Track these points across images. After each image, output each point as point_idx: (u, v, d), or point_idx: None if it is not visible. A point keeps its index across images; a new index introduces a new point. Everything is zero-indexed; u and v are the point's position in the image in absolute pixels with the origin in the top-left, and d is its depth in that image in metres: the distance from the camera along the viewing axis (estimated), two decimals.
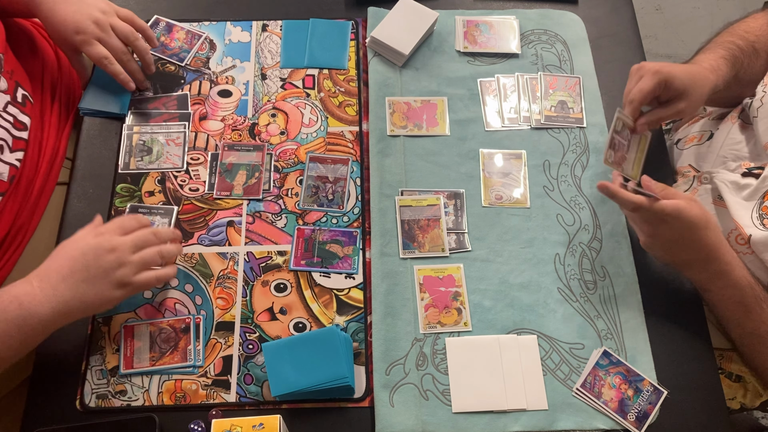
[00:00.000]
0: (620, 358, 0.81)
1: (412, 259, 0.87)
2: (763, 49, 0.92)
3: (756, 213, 0.81)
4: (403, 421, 0.77)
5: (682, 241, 0.77)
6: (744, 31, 0.93)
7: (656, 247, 0.79)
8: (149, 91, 0.98)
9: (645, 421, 0.78)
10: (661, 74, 0.81)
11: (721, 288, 0.78)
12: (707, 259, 0.77)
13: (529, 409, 0.78)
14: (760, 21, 0.95)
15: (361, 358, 0.81)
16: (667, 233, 0.76)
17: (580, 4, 1.09)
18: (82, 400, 0.78)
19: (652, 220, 0.76)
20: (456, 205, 0.91)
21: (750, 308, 0.77)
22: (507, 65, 1.03)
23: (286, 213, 0.90)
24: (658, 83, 0.81)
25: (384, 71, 1.00)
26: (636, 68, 0.85)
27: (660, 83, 0.82)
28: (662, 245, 0.79)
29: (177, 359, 0.80)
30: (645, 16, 2.11)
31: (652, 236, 0.78)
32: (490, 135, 0.97)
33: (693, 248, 0.77)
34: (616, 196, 0.77)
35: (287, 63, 1.02)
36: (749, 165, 0.85)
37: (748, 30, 0.93)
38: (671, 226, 0.75)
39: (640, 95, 0.82)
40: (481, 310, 0.84)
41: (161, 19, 1.04)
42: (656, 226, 0.76)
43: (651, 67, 0.82)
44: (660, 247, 0.79)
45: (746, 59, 0.91)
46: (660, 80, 0.81)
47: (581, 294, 0.86)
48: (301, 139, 0.95)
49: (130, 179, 0.92)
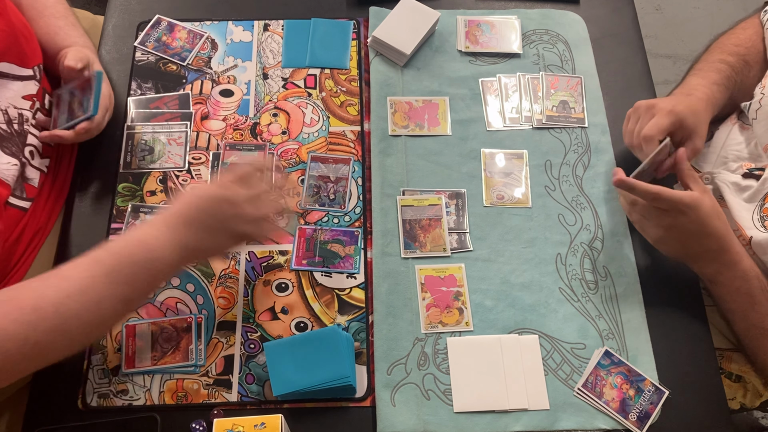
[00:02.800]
0: (622, 358, 0.81)
1: (413, 258, 0.87)
2: (755, 60, 0.92)
3: (757, 215, 0.81)
4: (405, 421, 0.77)
5: (697, 232, 0.77)
6: (734, 45, 0.93)
7: (671, 240, 0.79)
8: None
9: (646, 421, 0.78)
10: (674, 115, 0.82)
11: (730, 279, 0.78)
12: (719, 249, 0.77)
13: (531, 409, 0.78)
14: (749, 31, 0.94)
15: (363, 357, 0.81)
16: (685, 224, 0.77)
17: (581, 4, 1.09)
18: (84, 400, 0.78)
19: (670, 211, 0.77)
20: (457, 205, 0.91)
21: (756, 299, 0.78)
22: (508, 65, 1.03)
23: (288, 212, 0.90)
24: (673, 123, 0.82)
25: (385, 71, 1.00)
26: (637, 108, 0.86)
27: (675, 123, 0.82)
28: (678, 237, 0.79)
29: (179, 359, 0.80)
30: (645, 16, 2.11)
31: (669, 228, 0.78)
32: (492, 135, 0.97)
33: (707, 239, 0.77)
34: (635, 189, 0.77)
35: (289, 63, 1.02)
36: (750, 166, 0.86)
37: (738, 43, 0.93)
38: (689, 217, 0.76)
39: (658, 131, 0.82)
40: (483, 310, 0.84)
41: (163, 19, 1.04)
42: (675, 216, 0.76)
43: (663, 106, 0.83)
44: (675, 239, 0.79)
45: (738, 76, 0.91)
46: (675, 121, 0.82)
47: (583, 294, 0.86)
48: (302, 138, 0.96)
49: (132, 178, 0.92)
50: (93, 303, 0.65)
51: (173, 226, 0.71)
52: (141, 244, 0.69)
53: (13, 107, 0.82)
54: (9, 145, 0.81)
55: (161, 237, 0.70)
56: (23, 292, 0.64)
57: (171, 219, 0.71)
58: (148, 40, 1.03)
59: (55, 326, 0.63)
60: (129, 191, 0.91)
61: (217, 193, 0.73)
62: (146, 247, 0.69)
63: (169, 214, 0.72)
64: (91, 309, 0.65)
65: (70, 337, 0.65)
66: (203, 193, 0.73)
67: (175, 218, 0.71)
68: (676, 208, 0.76)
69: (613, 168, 0.95)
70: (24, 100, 0.84)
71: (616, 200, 0.92)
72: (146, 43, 1.02)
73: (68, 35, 0.92)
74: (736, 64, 0.91)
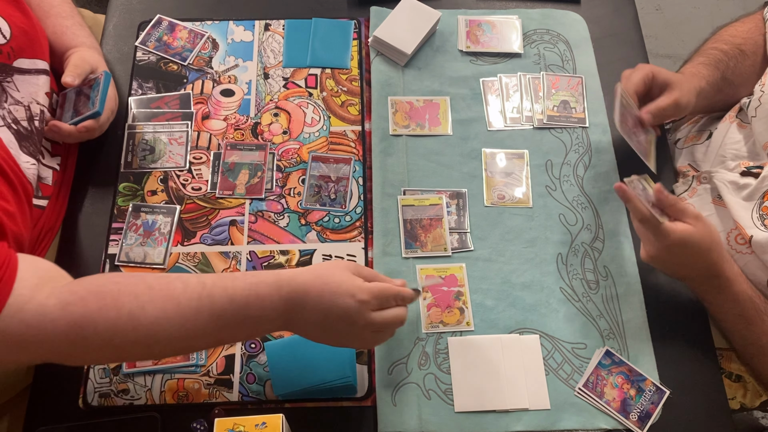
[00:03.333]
0: (622, 358, 0.81)
1: (414, 258, 0.87)
2: (751, 50, 0.93)
3: (756, 213, 0.81)
4: (406, 421, 0.77)
5: (683, 262, 0.77)
6: (730, 36, 0.94)
7: (656, 262, 0.79)
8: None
9: (647, 420, 0.78)
10: (647, 67, 0.87)
11: (721, 302, 0.79)
12: (709, 276, 0.77)
13: (532, 409, 0.78)
14: (747, 25, 0.95)
15: (364, 357, 0.81)
16: (669, 257, 0.77)
17: (582, 4, 1.09)
18: (85, 399, 0.78)
19: (656, 239, 0.76)
20: (458, 205, 0.91)
21: (750, 321, 0.78)
22: (509, 65, 1.03)
23: (289, 212, 0.90)
24: (645, 74, 0.86)
25: (386, 71, 1.00)
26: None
27: (647, 74, 0.86)
28: (662, 264, 0.79)
29: (179, 358, 0.80)
30: (645, 16, 2.11)
31: (653, 256, 0.77)
32: (493, 135, 0.97)
33: (694, 268, 0.78)
34: (630, 202, 0.76)
35: (290, 62, 1.02)
36: (748, 164, 0.86)
37: (734, 34, 0.94)
38: (673, 252, 0.75)
39: (632, 86, 0.86)
40: (484, 310, 0.84)
41: (164, 19, 1.04)
42: (658, 247, 0.76)
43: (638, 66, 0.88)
44: (660, 264, 0.79)
45: (731, 61, 0.92)
46: (646, 72, 0.86)
47: (583, 294, 0.86)
48: (303, 138, 0.95)
49: (133, 178, 0.92)
50: (189, 334, 0.63)
51: (290, 301, 0.65)
52: (258, 299, 0.65)
53: (36, 103, 0.82)
54: (28, 144, 0.80)
55: (278, 302, 0.65)
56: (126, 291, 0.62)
57: (293, 290, 0.65)
58: (149, 39, 1.03)
59: (143, 341, 0.62)
60: (130, 191, 0.91)
61: (345, 305, 0.65)
62: (261, 305, 0.65)
63: (296, 282, 0.66)
64: (183, 338, 0.64)
65: (150, 353, 0.66)
66: (333, 293, 0.65)
67: (297, 294, 0.65)
68: (661, 240, 0.75)
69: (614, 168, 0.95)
70: (45, 96, 0.84)
71: (617, 200, 0.92)
72: (147, 43, 1.02)
73: (75, 35, 0.92)
74: (729, 51, 0.92)
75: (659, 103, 0.85)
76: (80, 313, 0.60)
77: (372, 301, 0.66)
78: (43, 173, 0.84)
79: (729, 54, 0.92)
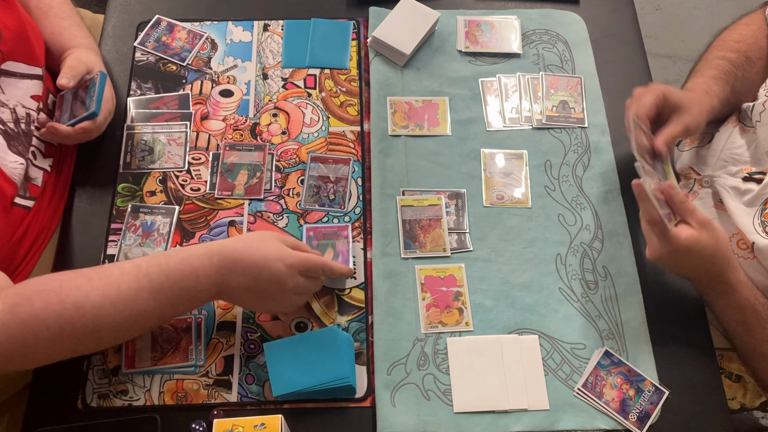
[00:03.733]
0: (622, 358, 0.81)
1: (413, 259, 0.87)
2: (757, 56, 0.91)
3: (758, 220, 0.81)
4: (405, 421, 0.77)
5: (687, 266, 0.77)
6: (735, 42, 0.92)
7: (661, 263, 0.79)
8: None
9: (646, 421, 0.78)
10: (659, 89, 0.83)
11: (723, 306, 0.79)
12: (712, 281, 0.78)
13: (531, 409, 0.78)
14: (752, 27, 0.93)
15: (363, 358, 0.81)
16: (673, 260, 0.77)
17: (581, 4, 1.09)
18: (84, 400, 0.78)
19: (660, 242, 0.76)
20: (457, 205, 0.91)
21: (751, 328, 0.78)
22: (508, 65, 1.03)
23: (288, 213, 0.90)
24: (657, 97, 0.82)
25: (385, 71, 1.00)
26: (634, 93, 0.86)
27: (659, 97, 0.82)
28: (666, 264, 0.79)
29: (178, 359, 0.80)
30: (645, 16, 2.11)
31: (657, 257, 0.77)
32: (492, 135, 0.97)
33: (697, 272, 0.78)
34: (643, 202, 0.76)
35: (289, 63, 1.02)
36: (750, 169, 0.85)
37: (740, 39, 0.92)
38: (677, 256, 0.75)
39: (644, 110, 0.82)
40: (483, 310, 0.84)
41: (163, 19, 1.04)
42: (662, 251, 0.76)
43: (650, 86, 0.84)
44: (664, 264, 0.79)
45: (739, 71, 0.90)
46: (658, 94, 0.82)
47: (583, 294, 0.86)
48: (302, 138, 0.95)
49: (132, 179, 0.92)
50: (133, 314, 0.68)
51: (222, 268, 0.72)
52: (192, 271, 0.70)
53: (21, 106, 0.83)
54: (16, 144, 0.81)
55: (210, 271, 0.71)
56: (68, 285, 0.66)
57: (225, 258, 0.72)
58: (148, 40, 1.03)
59: (91, 328, 0.66)
60: (129, 191, 0.91)
61: (275, 269, 0.73)
62: (196, 276, 0.70)
63: (227, 250, 0.72)
64: (129, 319, 0.68)
65: (100, 339, 0.68)
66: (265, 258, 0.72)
67: (229, 261, 0.72)
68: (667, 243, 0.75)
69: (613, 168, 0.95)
70: (32, 99, 0.84)
71: (616, 200, 0.92)
72: (146, 44, 1.02)
73: (73, 36, 0.92)
74: (736, 60, 0.90)
75: (671, 130, 0.82)
76: (28, 312, 0.63)
77: (299, 266, 0.74)
78: (33, 174, 0.84)
79: (737, 64, 0.90)
